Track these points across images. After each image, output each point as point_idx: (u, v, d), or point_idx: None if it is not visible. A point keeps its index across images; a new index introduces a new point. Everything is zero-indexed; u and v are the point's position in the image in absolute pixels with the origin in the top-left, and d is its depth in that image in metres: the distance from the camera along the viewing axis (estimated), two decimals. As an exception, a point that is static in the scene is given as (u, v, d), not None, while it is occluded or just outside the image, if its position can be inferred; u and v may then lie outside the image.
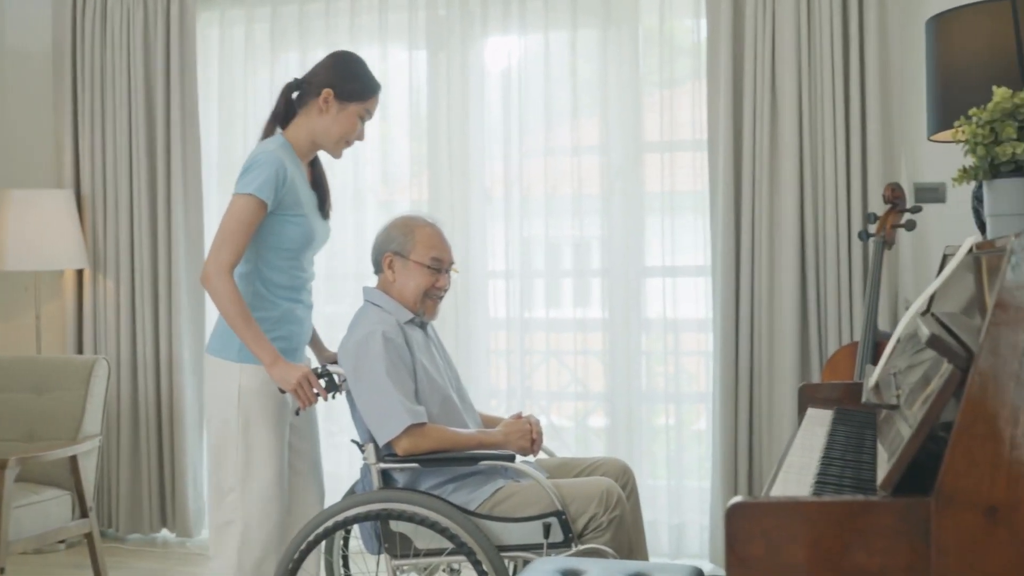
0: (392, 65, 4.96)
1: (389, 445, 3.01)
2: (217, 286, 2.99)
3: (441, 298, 3.27)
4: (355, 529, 3.36)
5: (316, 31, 4.98)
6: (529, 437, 3.13)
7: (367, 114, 3.22)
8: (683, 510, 4.67)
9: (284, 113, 3.23)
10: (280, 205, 3.08)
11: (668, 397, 4.71)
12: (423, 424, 2.99)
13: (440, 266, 3.22)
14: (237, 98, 5.10)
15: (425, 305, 3.22)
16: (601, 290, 4.79)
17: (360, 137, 3.24)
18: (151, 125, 5.05)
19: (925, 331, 1.75)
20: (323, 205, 3.30)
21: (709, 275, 4.53)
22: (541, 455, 3.36)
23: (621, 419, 4.69)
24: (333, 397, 3.12)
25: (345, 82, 3.17)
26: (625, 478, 3.28)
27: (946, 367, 1.68)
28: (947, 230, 4.14)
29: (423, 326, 3.27)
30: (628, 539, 3.03)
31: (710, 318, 4.54)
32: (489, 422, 3.34)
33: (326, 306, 5.02)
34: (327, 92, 3.14)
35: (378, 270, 3.27)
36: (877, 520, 1.65)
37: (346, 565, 3.45)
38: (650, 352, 4.75)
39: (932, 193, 4.29)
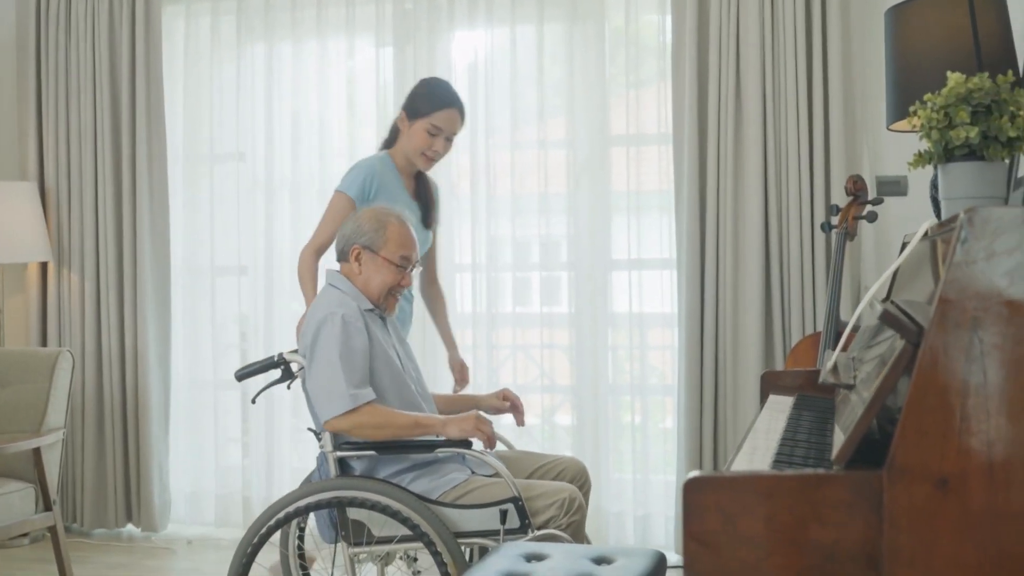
0: (359, 61, 4.98)
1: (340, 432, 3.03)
2: (299, 263, 3.69)
3: (401, 295, 3.28)
4: (310, 523, 3.37)
5: (283, 23, 4.97)
6: (473, 430, 3.03)
7: (435, 129, 3.68)
8: (649, 502, 4.70)
9: (391, 138, 3.82)
10: (377, 201, 3.57)
11: (634, 390, 4.74)
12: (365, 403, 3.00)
13: (407, 264, 3.22)
14: (203, 91, 5.09)
15: (387, 301, 3.23)
16: (568, 285, 4.80)
17: (437, 149, 3.71)
18: (116, 117, 5.02)
19: (878, 308, 1.77)
20: (426, 215, 3.81)
21: (675, 268, 4.56)
22: (500, 447, 3.39)
23: (588, 413, 4.71)
24: (288, 387, 3.14)
25: (412, 101, 3.74)
26: (582, 479, 3.30)
27: (898, 342, 1.71)
28: (908, 221, 4.19)
29: (383, 317, 3.27)
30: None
31: (675, 313, 4.57)
32: (467, 401, 3.46)
33: (293, 302, 5.01)
34: (401, 113, 3.75)
35: (343, 259, 3.26)
36: (831, 493, 1.67)
37: (302, 558, 3.43)
38: (616, 346, 4.77)
39: (894, 186, 4.33)
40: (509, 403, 3.50)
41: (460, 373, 3.98)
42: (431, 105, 3.68)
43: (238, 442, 5.17)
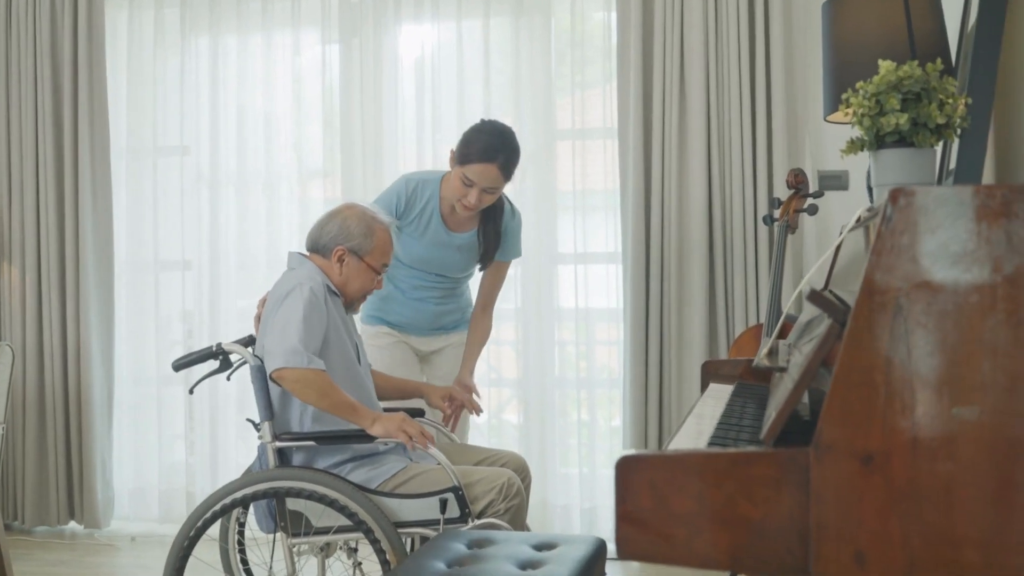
0: (306, 55, 4.96)
1: (285, 418, 3.05)
2: None
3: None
4: (250, 519, 3.34)
5: (227, 16, 4.94)
6: (396, 431, 2.97)
7: (468, 180, 3.43)
8: (595, 495, 4.72)
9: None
10: (403, 222, 3.56)
11: (580, 384, 4.76)
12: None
13: (384, 270, 3.23)
14: (146, 83, 5.04)
15: (358, 303, 3.25)
16: (514, 280, 4.81)
17: (471, 201, 3.45)
18: (58, 110, 4.96)
19: (807, 290, 1.80)
20: (484, 257, 3.68)
21: (620, 262, 4.59)
22: (443, 439, 3.39)
23: (534, 407, 4.73)
24: (228, 378, 3.13)
25: (459, 143, 3.50)
26: (522, 473, 3.31)
27: (826, 322, 1.73)
28: (848, 214, 4.24)
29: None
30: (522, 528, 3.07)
31: (621, 307, 4.59)
32: (412, 388, 3.48)
33: (238, 299, 4.99)
34: (451, 151, 3.52)
35: (320, 253, 3.20)
36: (759, 471, 1.69)
37: (243, 552, 3.40)
38: (563, 342, 4.79)
39: (835, 181, 4.38)
40: (447, 405, 3.49)
41: (456, 400, 3.52)
42: (467, 155, 3.43)
43: (182, 437, 5.12)
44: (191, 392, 3.22)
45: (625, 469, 1.74)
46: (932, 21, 2.83)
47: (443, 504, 2.93)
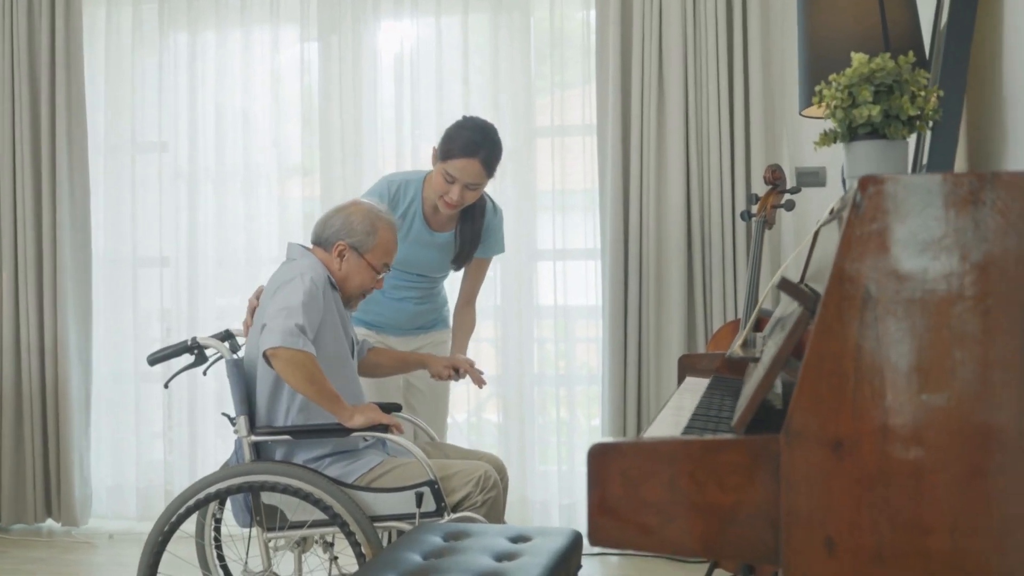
0: (285, 52, 4.95)
1: (273, 412, 3.03)
2: None
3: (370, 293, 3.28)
4: (227, 514, 3.33)
5: (206, 12, 4.93)
6: (380, 415, 3.01)
7: (449, 176, 3.43)
8: (574, 491, 4.73)
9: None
10: None
11: (559, 381, 4.76)
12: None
13: (386, 270, 3.23)
14: (124, 79, 5.03)
15: (356, 301, 3.25)
16: (494, 276, 4.81)
17: (453, 197, 3.45)
18: (35, 106, 4.94)
19: (778, 278, 1.81)
20: (459, 256, 3.67)
21: (599, 258, 4.60)
22: (423, 437, 3.40)
23: (513, 404, 4.73)
24: (204, 374, 3.12)
25: (441, 140, 3.51)
26: (500, 474, 3.31)
27: (796, 309, 1.74)
28: (825, 209, 4.27)
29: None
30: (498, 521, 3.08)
31: (600, 304, 4.60)
32: (416, 359, 3.52)
33: (217, 296, 4.98)
34: (433, 148, 3.54)
35: (323, 246, 3.21)
36: (730, 457, 1.69)
37: (219, 548, 3.39)
38: (543, 339, 4.80)
39: (813, 177, 4.40)
40: (453, 373, 3.51)
41: (461, 365, 3.56)
42: (449, 151, 3.44)
43: (160, 435, 5.11)
44: (166, 386, 3.22)
45: (598, 457, 1.74)
46: (906, 17, 2.84)
47: (419, 498, 2.93)
